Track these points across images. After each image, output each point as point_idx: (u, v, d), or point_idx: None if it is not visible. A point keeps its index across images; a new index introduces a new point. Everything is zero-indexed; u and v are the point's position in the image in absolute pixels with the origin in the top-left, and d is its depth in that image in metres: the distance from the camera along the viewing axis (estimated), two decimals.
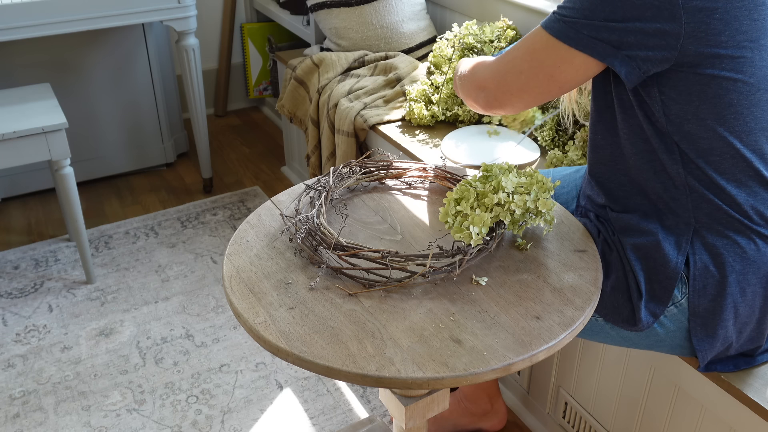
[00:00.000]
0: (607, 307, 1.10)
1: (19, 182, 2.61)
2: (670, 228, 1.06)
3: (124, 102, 2.66)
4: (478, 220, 0.98)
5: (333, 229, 1.07)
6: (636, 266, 1.07)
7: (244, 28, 3.12)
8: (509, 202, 1.01)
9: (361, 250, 0.98)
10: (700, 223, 1.04)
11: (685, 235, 1.05)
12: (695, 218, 1.04)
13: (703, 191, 1.02)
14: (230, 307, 0.95)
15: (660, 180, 1.05)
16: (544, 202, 1.03)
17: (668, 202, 1.05)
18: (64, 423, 1.68)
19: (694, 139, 1.00)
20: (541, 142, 1.68)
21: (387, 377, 0.82)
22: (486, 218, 0.98)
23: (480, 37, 1.85)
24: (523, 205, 1.02)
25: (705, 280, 1.04)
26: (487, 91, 1.10)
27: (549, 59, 1.00)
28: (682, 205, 1.04)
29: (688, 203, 1.04)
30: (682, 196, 1.04)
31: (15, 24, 2.08)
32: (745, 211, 1.03)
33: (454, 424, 1.60)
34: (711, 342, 1.07)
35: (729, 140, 0.99)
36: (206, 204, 2.62)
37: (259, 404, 1.73)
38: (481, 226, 0.97)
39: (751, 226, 1.03)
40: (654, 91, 0.99)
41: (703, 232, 1.04)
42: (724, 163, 1.01)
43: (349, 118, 1.97)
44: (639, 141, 1.05)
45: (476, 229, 0.97)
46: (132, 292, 2.13)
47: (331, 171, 1.20)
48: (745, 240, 1.04)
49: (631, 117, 1.04)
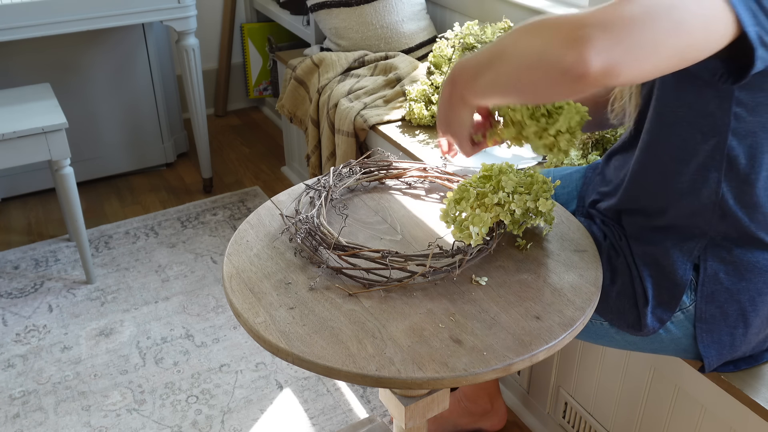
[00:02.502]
0: (613, 311, 1.09)
1: (19, 182, 2.61)
2: (684, 237, 1.04)
3: (124, 102, 2.66)
4: (478, 220, 0.98)
5: (333, 229, 1.07)
6: (644, 272, 1.06)
7: (244, 28, 3.12)
8: (509, 202, 1.01)
9: (361, 250, 0.98)
10: (718, 234, 1.02)
11: (699, 244, 1.03)
12: (715, 230, 1.02)
13: (734, 210, 0.99)
14: (230, 307, 0.95)
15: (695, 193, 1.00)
16: (544, 202, 1.02)
17: (694, 213, 1.02)
18: (64, 423, 1.68)
19: (755, 153, 0.95)
20: None
21: (387, 377, 0.82)
22: (486, 218, 0.98)
23: (481, 37, 1.85)
24: (523, 205, 1.01)
25: (714, 286, 1.03)
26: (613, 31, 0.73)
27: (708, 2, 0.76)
28: (706, 219, 1.01)
29: (714, 218, 1.01)
30: (708, 211, 1.00)
31: (15, 24, 2.08)
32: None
33: (454, 424, 1.60)
34: (717, 348, 1.07)
35: None
36: (206, 204, 2.62)
37: (259, 404, 1.73)
38: (481, 226, 0.97)
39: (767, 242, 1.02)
40: (730, 97, 0.92)
41: (718, 241, 1.03)
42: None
43: (349, 118, 1.97)
44: (686, 153, 0.99)
45: (476, 229, 0.97)
46: (132, 292, 2.13)
47: (331, 171, 1.20)
48: (760, 251, 1.02)
49: (691, 125, 0.96)
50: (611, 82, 0.75)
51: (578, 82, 0.74)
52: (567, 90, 0.77)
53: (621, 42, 0.73)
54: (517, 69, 0.80)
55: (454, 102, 0.92)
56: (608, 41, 0.72)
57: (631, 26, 0.73)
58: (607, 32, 0.73)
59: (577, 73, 0.73)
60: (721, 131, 0.95)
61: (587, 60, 0.72)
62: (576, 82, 0.74)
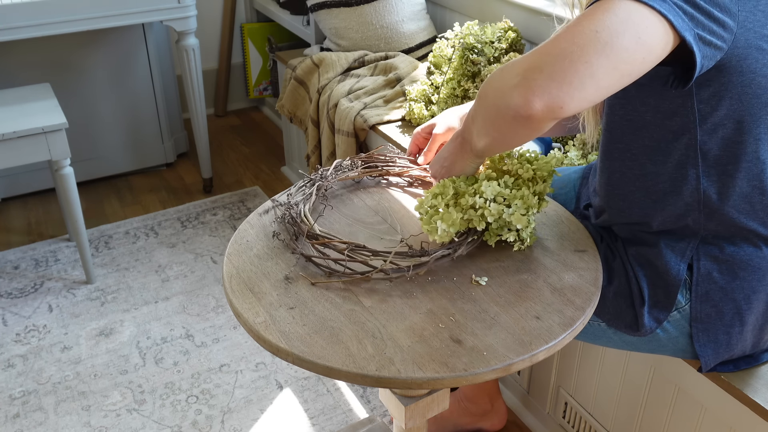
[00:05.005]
0: (610, 312, 1.10)
1: (19, 182, 2.61)
2: (676, 238, 1.04)
3: (124, 102, 2.66)
4: (447, 218, 0.97)
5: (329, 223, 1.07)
6: (639, 273, 1.06)
7: (244, 28, 3.12)
8: (484, 208, 0.98)
9: (331, 241, 0.99)
10: (709, 232, 1.02)
11: (691, 244, 1.03)
12: (705, 228, 1.02)
13: (720, 202, 0.99)
14: (230, 307, 0.95)
15: (676, 191, 1.00)
16: (520, 218, 0.98)
17: (681, 215, 1.02)
18: (64, 423, 1.68)
19: (728, 144, 0.95)
20: None
21: (387, 377, 0.82)
22: (455, 218, 0.97)
23: (481, 37, 1.85)
24: (498, 215, 0.98)
25: (708, 286, 1.04)
26: (545, 70, 0.80)
27: (635, 15, 0.79)
28: (694, 219, 1.01)
29: (701, 217, 1.01)
30: (694, 210, 1.00)
31: (15, 24, 2.08)
32: (762, 218, 1.01)
33: (454, 424, 1.60)
34: (713, 347, 1.07)
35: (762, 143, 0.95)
36: (206, 204, 2.62)
37: (259, 404, 1.73)
38: (449, 224, 0.97)
39: (761, 233, 1.02)
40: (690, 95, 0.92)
41: (710, 240, 1.03)
42: (753, 169, 0.97)
43: (349, 118, 1.97)
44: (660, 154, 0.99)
45: (444, 225, 0.97)
46: (132, 292, 2.13)
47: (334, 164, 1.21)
48: (753, 248, 1.03)
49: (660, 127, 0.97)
50: (559, 116, 0.81)
51: (528, 122, 0.82)
52: (524, 131, 0.86)
53: (555, 79, 0.79)
54: (486, 118, 0.90)
55: (466, 153, 1.01)
56: (544, 81, 0.80)
57: (562, 61, 0.79)
58: (542, 73, 0.80)
59: (525, 115, 0.82)
60: (690, 128, 0.95)
61: (530, 102, 0.80)
62: (527, 122, 0.82)
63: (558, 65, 0.79)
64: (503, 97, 0.84)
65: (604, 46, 0.79)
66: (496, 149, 0.97)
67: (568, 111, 0.81)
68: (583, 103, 0.81)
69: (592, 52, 0.79)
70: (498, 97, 0.85)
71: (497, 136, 0.91)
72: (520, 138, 0.89)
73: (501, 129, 0.88)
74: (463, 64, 1.84)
